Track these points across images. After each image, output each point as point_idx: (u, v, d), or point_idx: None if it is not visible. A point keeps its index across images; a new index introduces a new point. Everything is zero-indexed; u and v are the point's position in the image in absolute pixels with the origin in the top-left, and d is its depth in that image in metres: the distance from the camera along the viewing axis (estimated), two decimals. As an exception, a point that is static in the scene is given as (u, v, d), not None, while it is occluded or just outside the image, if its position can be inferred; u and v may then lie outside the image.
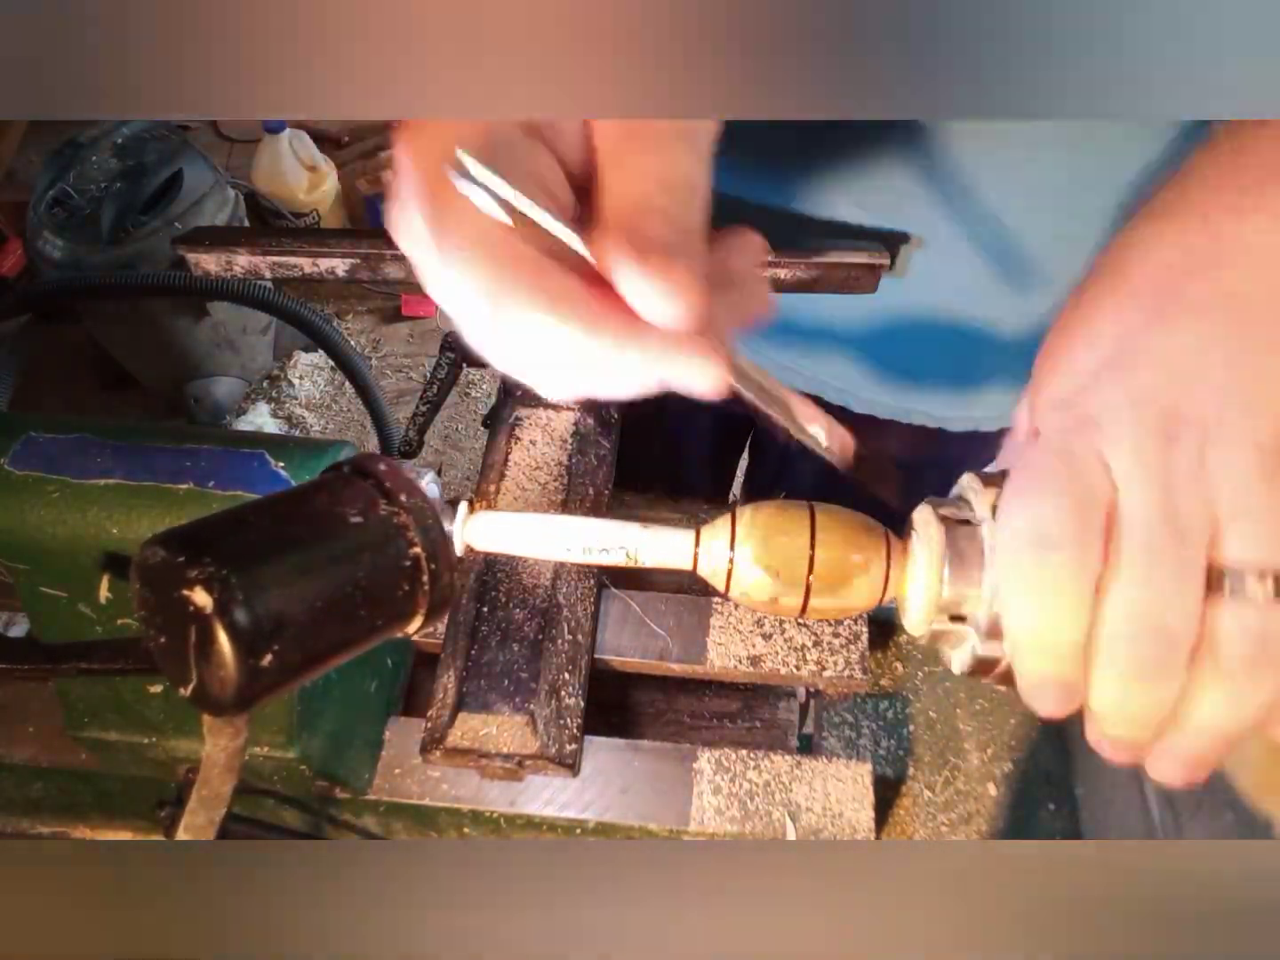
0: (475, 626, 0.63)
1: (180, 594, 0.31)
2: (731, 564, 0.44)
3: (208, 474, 0.51)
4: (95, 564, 0.51)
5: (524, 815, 0.65)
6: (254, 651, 0.31)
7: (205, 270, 0.65)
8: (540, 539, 0.47)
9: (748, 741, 0.73)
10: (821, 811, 0.64)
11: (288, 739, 0.58)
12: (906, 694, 0.78)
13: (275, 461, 0.52)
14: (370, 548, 0.35)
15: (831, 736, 0.76)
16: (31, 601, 0.55)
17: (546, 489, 0.69)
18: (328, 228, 2.43)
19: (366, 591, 0.34)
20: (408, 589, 0.36)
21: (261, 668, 0.31)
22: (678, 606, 0.71)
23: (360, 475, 0.37)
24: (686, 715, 0.74)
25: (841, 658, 0.68)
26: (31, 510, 0.50)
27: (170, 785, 0.61)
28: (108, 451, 0.52)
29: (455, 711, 0.60)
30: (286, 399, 2.30)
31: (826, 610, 0.44)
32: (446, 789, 0.65)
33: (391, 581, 0.36)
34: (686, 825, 0.63)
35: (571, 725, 0.61)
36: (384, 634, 0.36)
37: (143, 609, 0.33)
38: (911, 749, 0.75)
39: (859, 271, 0.61)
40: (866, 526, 0.45)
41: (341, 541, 0.34)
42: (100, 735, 0.60)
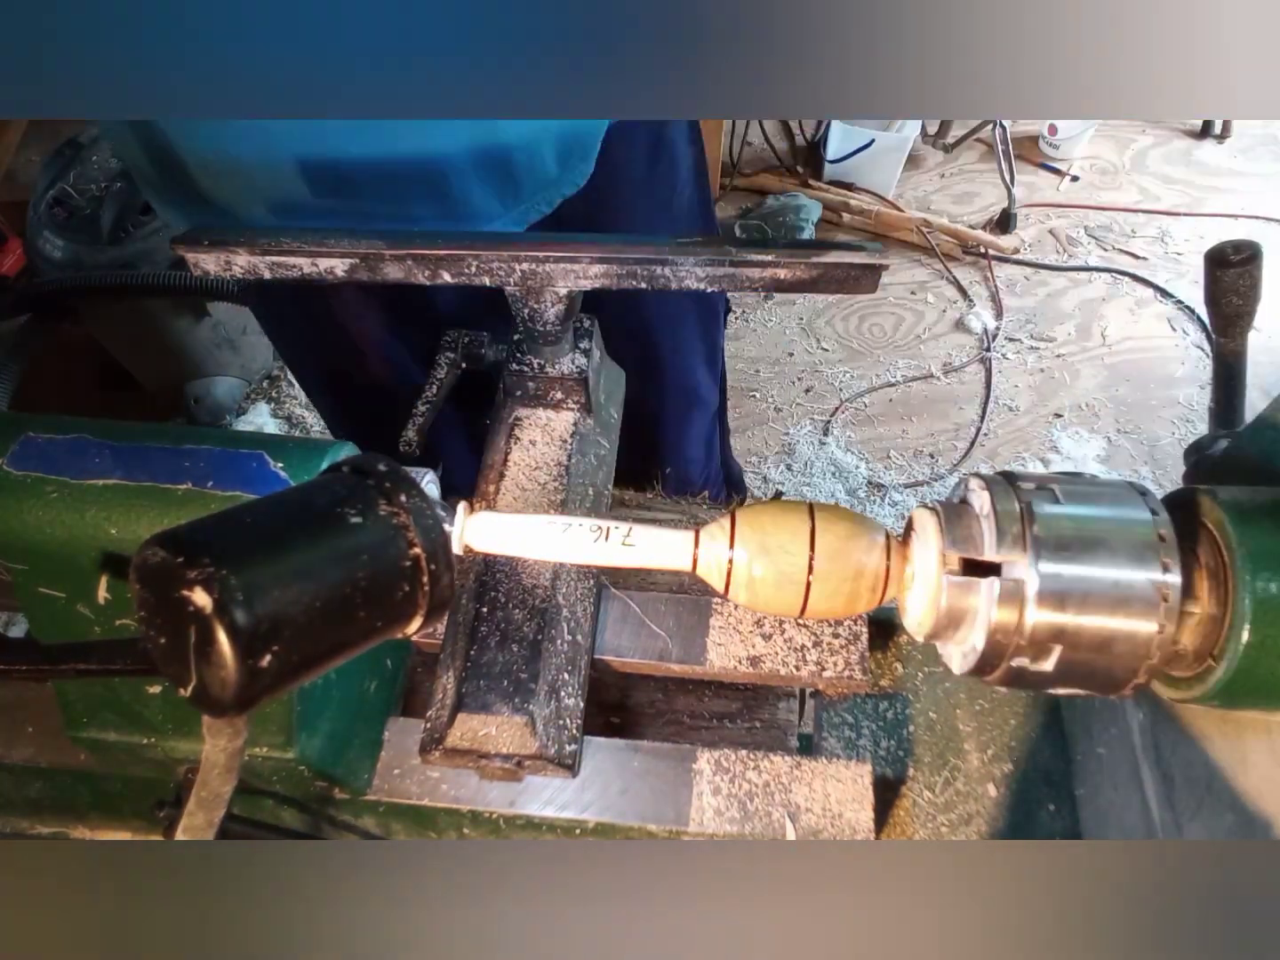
0: (474, 627, 0.63)
1: (179, 594, 0.30)
2: (730, 564, 0.44)
3: (207, 474, 0.51)
4: (94, 564, 0.51)
5: (523, 816, 0.65)
6: (253, 652, 0.31)
7: (204, 270, 0.65)
8: (539, 539, 0.47)
9: (747, 742, 0.73)
10: (821, 812, 0.64)
11: (287, 739, 0.58)
12: (906, 694, 0.78)
13: (274, 462, 0.52)
14: (370, 548, 0.35)
15: (831, 737, 0.76)
16: (30, 602, 0.55)
17: (546, 489, 0.69)
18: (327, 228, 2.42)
19: (366, 592, 0.34)
20: (408, 589, 0.36)
21: (261, 668, 0.31)
22: (677, 607, 0.71)
23: (360, 475, 0.37)
24: (686, 715, 0.74)
25: (841, 658, 0.68)
26: (30, 510, 0.50)
27: (169, 785, 0.61)
28: (106, 452, 0.52)
29: (454, 712, 0.59)
30: (286, 399, 2.30)
31: (826, 610, 0.44)
32: (446, 789, 0.65)
33: (391, 582, 0.35)
34: (686, 826, 0.63)
35: (571, 726, 0.61)
36: (384, 634, 0.36)
37: (142, 609, 0.33)
38: (911, 749, 0.75)
39: (859, 271, 0.61)
40: (866, 526, 0.45)
41: (341, 542, 0.34)
42: (99, 736, 0.60)
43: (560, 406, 0.74)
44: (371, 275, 0.63)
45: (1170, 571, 0.39)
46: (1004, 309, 2.28)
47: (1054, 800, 0.73)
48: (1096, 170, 2.66)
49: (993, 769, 0.74)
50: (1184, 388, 2.13)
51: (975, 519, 0.43)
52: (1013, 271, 2.38)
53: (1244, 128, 2.70)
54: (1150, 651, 0.39)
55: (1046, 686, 0.42)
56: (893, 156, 2.48)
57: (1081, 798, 0.73)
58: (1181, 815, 0.59)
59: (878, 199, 2.48)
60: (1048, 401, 2.12)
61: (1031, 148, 2.67)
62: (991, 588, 0.40)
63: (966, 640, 0.43)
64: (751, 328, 2.26)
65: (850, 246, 0.62)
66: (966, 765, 0.74)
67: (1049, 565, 0.39)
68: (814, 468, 1.98)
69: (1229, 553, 0.40)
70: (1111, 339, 2.24)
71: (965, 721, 0.76)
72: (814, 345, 2.24)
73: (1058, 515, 0.40)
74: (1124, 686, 0.41)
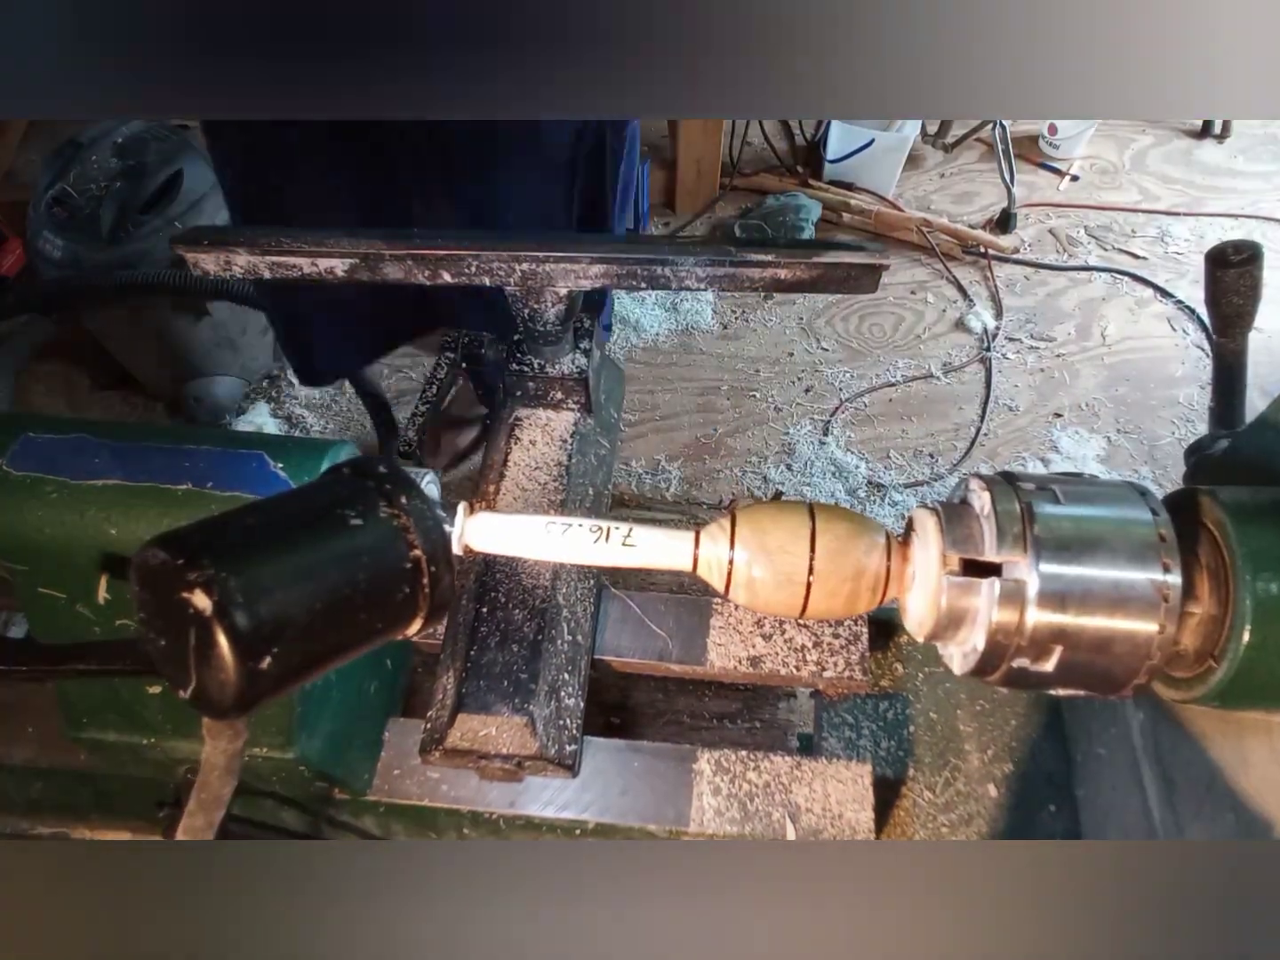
0: (475, 627, 0.63)
1: (180, 596, 0.30)
2: (731, 565, 0.44)
3: (206, 474, 0.51)
4: (94, 564, 0.51)
5: (523, 816, 0.65)
6: (253, 655, 0.31)
7: (204, 270, 0.65)
8: (539, 540, 0.47)
9: (748, 742, 0.73)
10: (821, 812, 0.64)
11: (287, 740, 0.58)
12: (907, 695, 0.78)
13: (274, 462, 0.52)
14: (370, 550, 0.35)
15: (832, 737, 0.76)
16: (30, 602, 0.55)
17: (546, 489, 0.69)
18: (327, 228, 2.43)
19: (366, 594, 0.34)
20: (408, 592, 0.36)
21: (261, 671, 0.31)
22: (677, 607, 0.71)
23: (361, 477, 0.37)
24: (686, 716, 0.74)
25: (841, 658, 0.68)
26: (30, 511, 0.50)
27: (169, 786, 0.61)
28: (106, 452, 0.52)
29: (454, 712, 0.59)
30: (286, 399, 2.30)
31: (826, 611, 0.44)
32: (446, 790, 0.65)
33: (392, 584, 0.35)
34: (686, 826, 0.63)
35: (571, 726, 0.61)
36: (384, 636, 0.36)
37: (142, 610, 0.33)
38: (912, 750, 0.75)
39: (859, 271, 0.61)
40: (866, 527, 0.45)
41: (342, 543, 0.34)
42: (99, 736, 0.60)
43: (560, 407, 0.74)
44: (372, 275, 0.63)
45: (1171, 572, 0.39)
46: (1004, 309, 2.28)
47: (1054, 801, 0.73)
48: (1096, 170, 2.66)
49: (993, 769, 0.74)
50: (1184, 388, 2.13)
51: (976, 519, 0.43)
52: (1013, 271, 2.38)
53: (1244, 128, 2.69)
54: (1151, 652, 0.39)
55: (1047, 687, 0.42)
56: (893, 156, 2.48)
57: (1082, 798, 0.73)
58: (1182, 815, 0.59)
59: (878, 199, 2.48)
60: (1048, 401, 2.12)
61: (1031, 147, 2.67)
62: (992, 588, 0.40)
63: (967, 640, 0.43)
64: (751, 328, 2.26)
65: (850, 247, 0.62)
66: (967, 765, 0.74)
67: (1050, 566, 0.39)
68: (814, 468, 1.98)
69: (1229, 553, 0.40)
70: (1111, 339, 2.24)
71: (966, 722, 0.76)
72: (814, 345, 2.24)
73: (1058, 516, 0.40)
74: (1124, 687, 0.41)
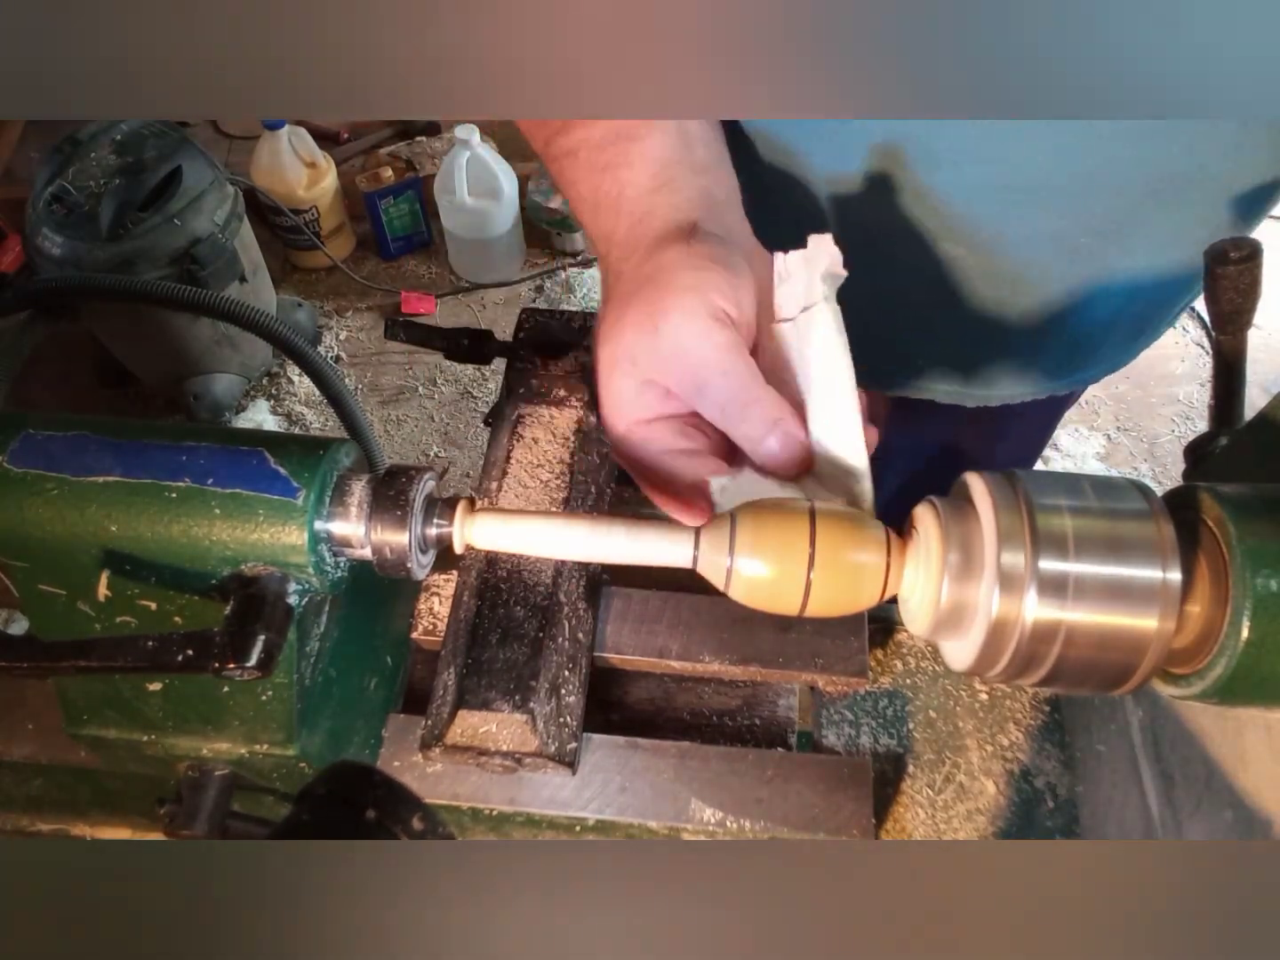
0: (475, 624, 0.63)
1: None
2: (732, 562, 0.44)
3: (206, 472, 0.51)
4: (94, 562, 0.51)
5: (523, 813, 0.65)
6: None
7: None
8: (541, 536, 0.47)
9: (748, 739, 0.73)
10: (821, 810, 0.64)
11: (287, 737, 0.58)
12: (906, 692, 0.78)
13: (274, 460, 0.52)
14: None
15: (831, 734, 0.76)
16: (30, 599, 0.55)
17: (548, 486, 0.69)
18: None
19: None
20: None
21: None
22: (678, 604, 0.71)
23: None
24: (686, 713, 0.74)
25: (841, 656, 0.68)
26: (30, 508, 0.50)
27: (169, 782, 0.61)
28: (106, 449, 0.52)
29: (455, 709, 0.59)
30: (286, 396, 2.30)
31: (826, 608, 0.44)
32: (446, 786, 0.65)
33: None
34: (686, 824, 0.63)
35: (571, 723, 0.61)
36: None
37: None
38: (911, 747, 0.75)
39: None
40: (866, 525, 0.45)
41: None
42: (99, 733, 0.60)
43: (563, 404, 0.74)
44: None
45: (1170, 569, 0.39)
46: (1004, 306, 2.28)
47: (1053, 798, 0.73)
48: (1097, 167, 2.66)
49: (992, 766, 0.74)
50: (1184, 385, 2.13)
51: (976, 516, 0.43)
52: (1013, 268, 2.38)
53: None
54: (1150, 648, 0.39)
55: (1047, 684, 0.42)
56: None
57: (1081, 795, 0.73)
58: (1181, 812, 0.59)
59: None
60: (1048, 399, 2.12)
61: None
62: (992, 585, 0.40)
63: (967, 638, 0.43)
64: (751, 325, 2.27)
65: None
66: (966, 762, 0.74)
67: (1049, 563, 0.39)
68: (814, 465, 1.98)
69: (1229, 550, 0.40)
70: (1111, 336, 2.24)
71: (965, 719, 0.76)
72: (814, 342, 2.24)
73: (1058, 512, 0.40)
74: (1124, 684, 0.41)
